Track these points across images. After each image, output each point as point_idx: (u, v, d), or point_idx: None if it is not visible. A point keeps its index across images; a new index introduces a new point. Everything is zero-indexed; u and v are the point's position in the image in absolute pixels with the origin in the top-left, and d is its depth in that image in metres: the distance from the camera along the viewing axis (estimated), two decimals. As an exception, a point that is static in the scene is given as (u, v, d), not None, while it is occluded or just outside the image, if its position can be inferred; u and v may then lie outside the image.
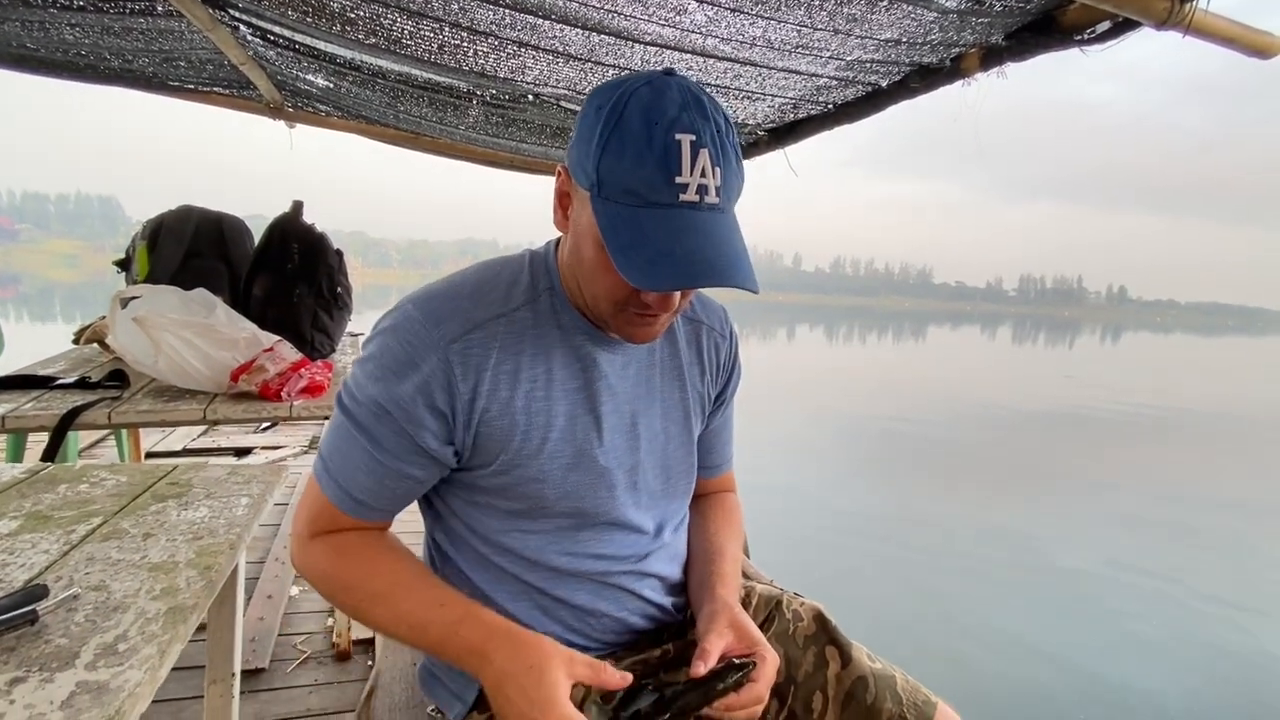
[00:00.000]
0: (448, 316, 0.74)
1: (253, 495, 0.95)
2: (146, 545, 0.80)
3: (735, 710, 0.72)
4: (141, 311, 1.40)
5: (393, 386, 0.72)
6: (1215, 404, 18.24)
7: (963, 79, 1.63)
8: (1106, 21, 1.28)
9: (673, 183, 0.63)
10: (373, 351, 0.75)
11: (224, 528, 0.84)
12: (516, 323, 0.77)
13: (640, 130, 0.63)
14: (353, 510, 0.76)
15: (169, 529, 0.83)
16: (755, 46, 1.63)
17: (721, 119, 0.67)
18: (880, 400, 14.44)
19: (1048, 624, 4.45)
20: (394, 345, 0.73)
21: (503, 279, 0.80)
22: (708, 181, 0.64)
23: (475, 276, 0.80)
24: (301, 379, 1.48)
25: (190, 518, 0.87)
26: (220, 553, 0.78)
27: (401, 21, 1.76)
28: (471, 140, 3.18)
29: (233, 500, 0.93)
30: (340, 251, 2.05)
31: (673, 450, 0.90)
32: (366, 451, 0.74)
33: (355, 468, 0.75)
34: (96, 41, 2.32)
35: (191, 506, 0.90)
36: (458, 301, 0.76)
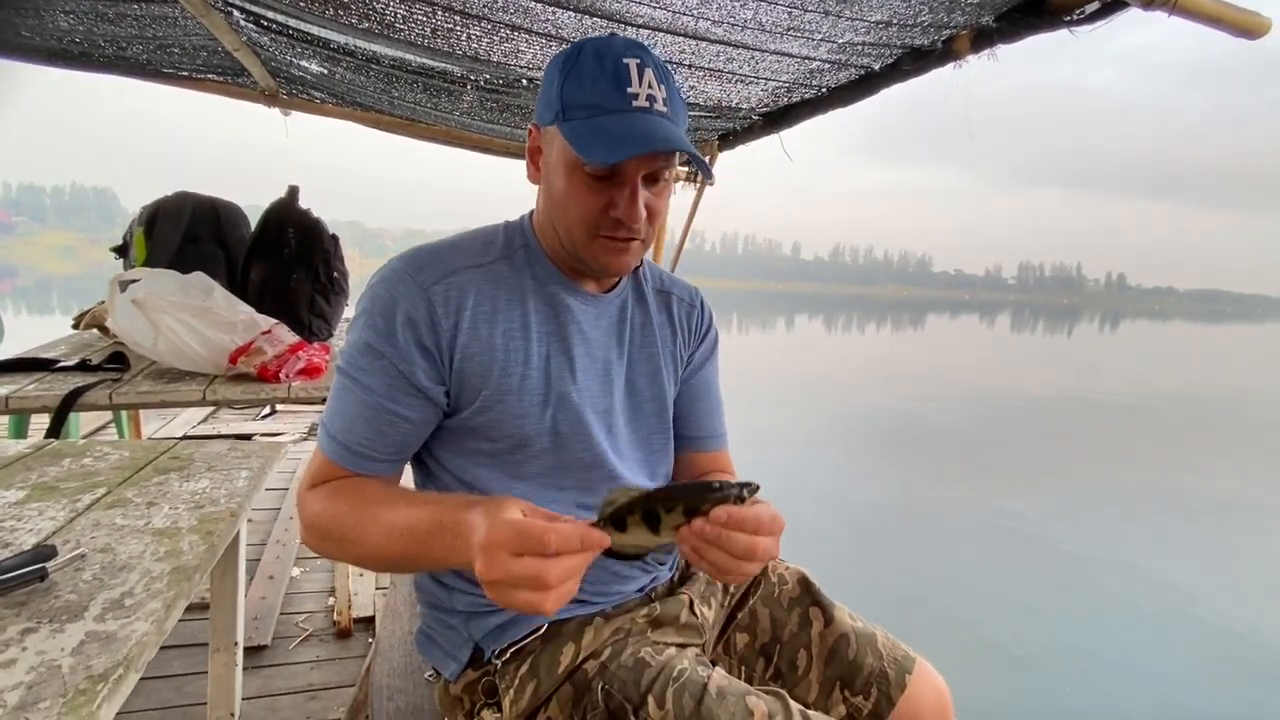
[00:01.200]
0: (428, 264, 0.82)
1: (252, 469, 0.98)
2: (150, 513, 0.82)
3: (734, 528, 0.63)
4: (140, 294, 1.42)
5: (383, 329, 0.78)
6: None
7: (954, 61, 1.64)
8: (1095, 2, 1.29)
9: (625, 92, 0.74)
10: (364, 306, 0.81)
11: (225, 497, 0.87)
12: (494, 273, 0.84)
13: (593, 62, 0.76)
14: (351, 463, 0.78)
15: (171, 498, 0.86)
16: (746, 29, 1.64)
17: (661, 62, 0.80)
18: (879, 389, 14.47)
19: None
20: (381, 293, 0.80)
21: (479, 239, 0.88)
22: (655, 93, 0.75)
23: (454, 238, 0.88)
24: (299, 361, 1.50)
25: (192, 488, 0.89)
26: (222, 520, 0.81)
27: (394, 5, 1.76)
28: (466, 126, 3.18)
29: (233, 473, 0.96)
30: (336, 236, 2.06)
31: (645, 403, 0.93)
32: (363, 400, 0.77)
33: (353, 418, 0.77)
34: (90, 29, 2.32)
35: (193, 479, 0.92)
36: (437, 252, 0.84)
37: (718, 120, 2.62)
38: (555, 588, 0.56)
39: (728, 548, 0.63)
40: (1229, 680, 3.78)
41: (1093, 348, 36.85)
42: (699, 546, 0.64)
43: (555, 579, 0.56)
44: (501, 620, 0.85)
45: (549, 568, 0.56)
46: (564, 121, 0.76)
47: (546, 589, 0.56)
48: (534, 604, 0.56)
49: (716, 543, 0.63)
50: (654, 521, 0.64)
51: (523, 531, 0.57)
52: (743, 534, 0.63)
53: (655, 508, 0.64)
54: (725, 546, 0.63)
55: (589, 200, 0.78)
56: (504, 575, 0.57)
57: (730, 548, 0.63)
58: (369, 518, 0.71)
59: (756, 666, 0.96)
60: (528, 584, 0.56)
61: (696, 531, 0.63)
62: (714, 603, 0.97)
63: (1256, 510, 7.10)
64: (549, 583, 0.56)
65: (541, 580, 0.56)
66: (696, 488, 0.66)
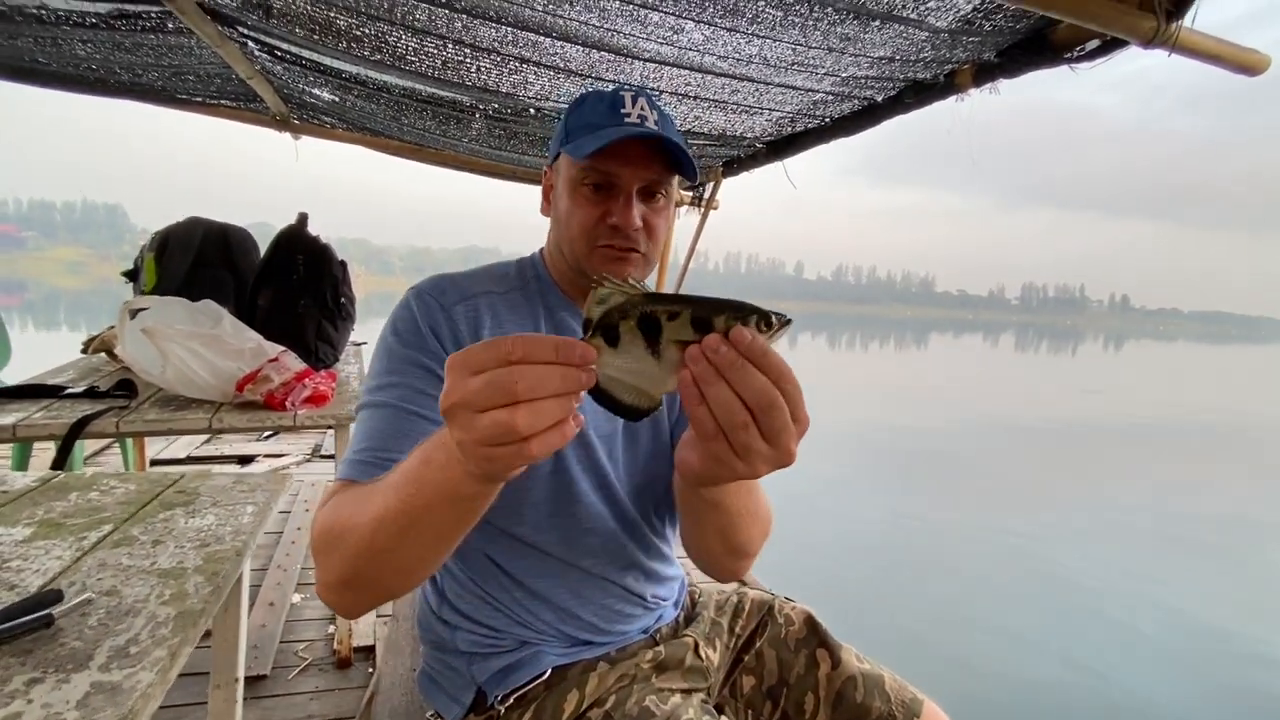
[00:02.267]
0: (448, 289, 0.86)
1: (257, 504, 0.98)
2: (156, 552, 0.82)
3: (756, 360, 0.48)
4: (150, 323, 1.43)
5: (407, 336, 0.80)
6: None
7: (956, 94, 1.67)
8: (1095, 40, 1.31)
9: (619, 112, 0.81)
10: (385, 331, 0.83)
11: (230, 535, 0.87)
12: (510, 301, 0.89)
13: (595, 97, 0.85)
14: (365, 472, 0.71)
15: (177, 536, 0.86)
16: (752, 64, 1.66)
17: (661, 107, 0.85)
18: (883, 409, 14.42)
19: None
20: (405, 315, 0.83)
21: (494, 271, 0.93)
22: (646, 114, 0.81)
23: (469, 270, 0.92)
24: (305, 389, 1.51)
25: (198, 525, 0.89)
26: (226, 559, 0.81)
27: (406, 39, 1.80)
28: (474, 152, 3.22)
29: (238, 509, 0.96)
30: (344, 263, 2.08)
31: (644, 428, 0.91)
32: (383, 415, 0.75)
33: (372, 432, 0.74)
34: (107, 56, 2.37)
35: (199, 514, 0.92)
36: (456, 280, 0.88)
37: (722, 148, 2.65)
38: (525, 401, 0.45)
39: (740, 386, 0.48)
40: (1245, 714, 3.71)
41: (1101, 368, 36.71)
42: (704, 376, 0.48)
43: (523, 389, 0.45)
44: (505, 663, 0.84)
45: (512, 375, 0.45)
46: (567, 144, 0.83)
47: (514, 401, 0.45)
48: (503, 425, 0.45)
49: (727, 373, 0.48)
50: (654, 333, 0.50)
51: (476, 348, 0.47)
52: (763, 375, 0.48)
53: (656, 313, 0.50)
54: (737, 384, 0.48)
55: (588, 211, 0.83)
56: (460, 396, 0.46)
57: (744, 386, 0.48)
58: (366, 494, 0.64)
59: (763, 710, 0.94)
60: (489, 397, 0.45)
61: (708, 348, 0.48)
62: (719, 644, 0.96)
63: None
64: (515, 391, 0.45)
65: (505, 388, 0.45)
66: (712, 299, 0.51)
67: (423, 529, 0.58)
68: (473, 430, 0.46)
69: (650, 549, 0.92)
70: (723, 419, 0.49)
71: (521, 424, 0.45)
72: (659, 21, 1.46)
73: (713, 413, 0.49)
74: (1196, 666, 4.16)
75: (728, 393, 0.48)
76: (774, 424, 0.48)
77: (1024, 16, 1.29)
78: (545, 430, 0.46)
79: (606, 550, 0.88)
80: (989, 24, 1.32)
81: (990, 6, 1.25)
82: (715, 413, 0.49)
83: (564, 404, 0.46)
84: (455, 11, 1.58)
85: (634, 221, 0.82)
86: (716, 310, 0.50)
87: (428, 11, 1.61)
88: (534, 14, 1.51)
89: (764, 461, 0.50)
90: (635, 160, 0.81)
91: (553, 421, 0.46)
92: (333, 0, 1.63)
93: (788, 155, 2.51)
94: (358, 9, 1.65)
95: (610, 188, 0.83)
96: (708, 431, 0.50)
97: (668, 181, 0.85)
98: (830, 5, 1.26)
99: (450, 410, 0.47)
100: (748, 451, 0.49)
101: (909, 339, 59.56)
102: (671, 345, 0.50)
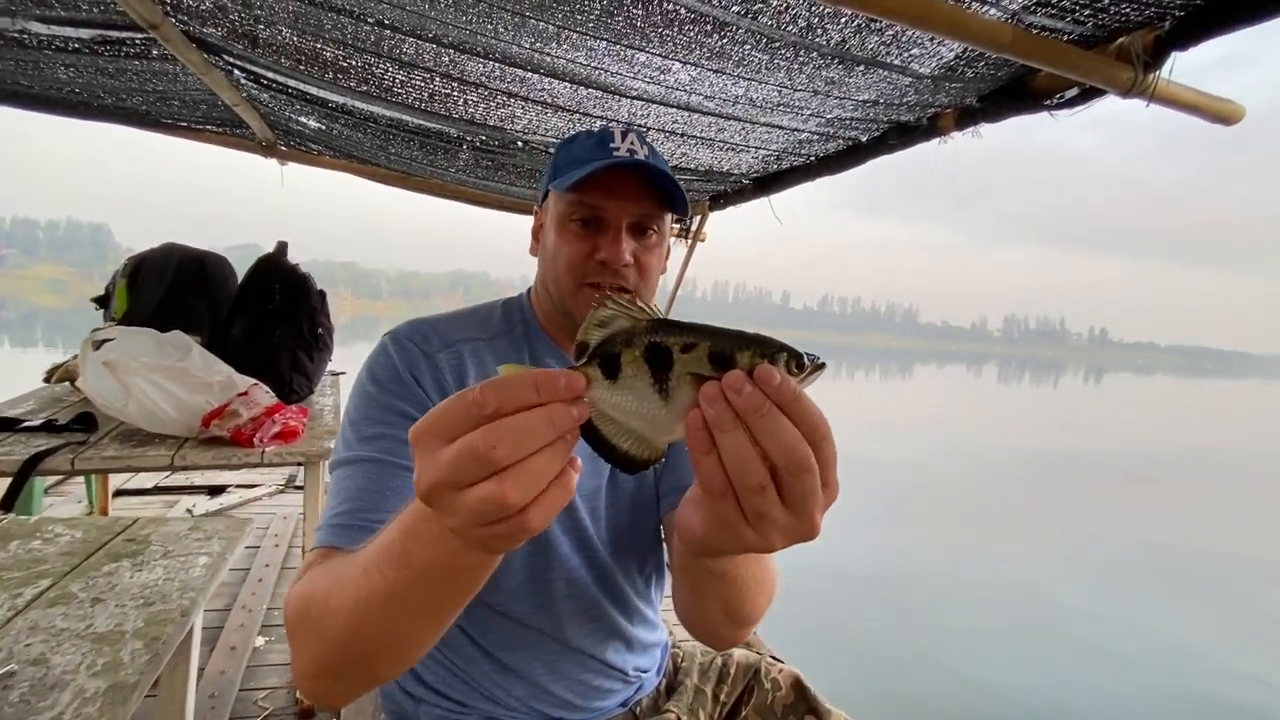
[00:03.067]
0: (430, 334, 0.81)
1: (212, 554, 0.92)
2: (94, 612, 0.76)
3: (786, 405, 0.40)
4: (113, 355, 1.37)
5: (391, 388, 0.75)
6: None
7: (939, 136, 1.69)
8: (1074, 88, 1.33)
9: (607, 146, 0.79)
10: (361, 379, 0.78)
11: (177, 591, 0.81)
12: (495, 347, 0.84)
13: (584, 134, 0.83)
14: (346, 537, 0.65)
15: (119, 593, 0.80)
16: (738, 104, 1.67)
17: (652, 145, 0.83)
18: (871, 440, 14.45)
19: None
20: (384, 361, 0.77)
21: (477, 314, 0.88)
22: (636, 149, 0.79)
23: (451, 313, 0.88)
24: (275, 425, 1.45)
25: (143, 580, 0.83)
26: (170, 621, 0.75)
27: (393, 71, 1.79)
28: (462, 182, 3.22)
29: (190, 559, 0.90)
30: (323, 292, 2.04)
31: (628, 481, 0.86)
32: (365, 471, 0.69)
33: (353, 492, 0.68)
34: (90, 81, 2.35)
35: (146, 567, 0.87)
36: (437, 325, 0.83)
37: (709, 183, 2.67)
38: (512, 463, 0.38)
39: (763, 437, 0.39)
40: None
41: (1083, 401, 37.17)
42: (719, 421, 0.39)
43: (505, 451, 0.37)
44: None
45: (489, 437, 0.38)
46: (554, 180, 0.80)
47: (497, 466, 0.38)
48: (492, 500, 0.38)
49: (750, 419, 0.39)
50: (663, 367, 0.42)
51: (439, 410, 0.40)
52: (790, 422, 0.39)
53: (668, 343, 0.42)
54: (760, 434, 0.39)
55: (576, 248, 0.79)
56: (434, 475, 0.39)
57: (768, 438, 0.39)
58: (346, 567, 0.55)
59: (749, 781, 0.89)
60: (467, 471, 0.38)
61: (730, 387, 0.39)
62: (703, 715, 0.90)
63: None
64: (495, 458, 0.37)
65: (483, 456, 0.37)
66: (733, 331, 0.43)
67: (416, 609, 0.50)
68: (459, 512, 0.39)
69: (633, 614, 0.87)
70: (735, 475, 0.40)
71: (513, 495, 0.38)
72: (646, 61, 1.46)
73: (724, 466, 0.40)
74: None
75: (746, 444, 0.39)
76: (799, 488, 0.40)
77: (1005, 64, 1.31)
78: (542, 494, 0.39)
79: (587, 618, 0.82)
80: (971, 71, 1.34)
81: (972, 55, 1.26)
82: (727, 466, 0.40)
83: (557, 453, 0.39)
84: (443, 46, 1.58)
85: (623, 257, 0.78)
86: (741, 344, 0.42)
87: (415, 45, 1.61)
88: (521, 51, 1.51)
89: (781, 533, 0.42)
90: (624, 194, 0.78)
91: (548, 480, 0.39)
92: (320, 32, 1.62)
93: (774, 191, 2.53)
94: (345, 41, 1.64)
95: (599, 222, 0.79)
96: (714, 488, 0.41)
97: (660, 218, 0.82)
98: (815, 50, 1.27)
99: (427, 494, 0.40)
100: (762, 519, 0.41)
101: (894, 369, 60.10)
102: (684, 383, 0.42)
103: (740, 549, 0.44)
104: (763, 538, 0.42)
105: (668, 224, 0.85)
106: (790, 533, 0.42)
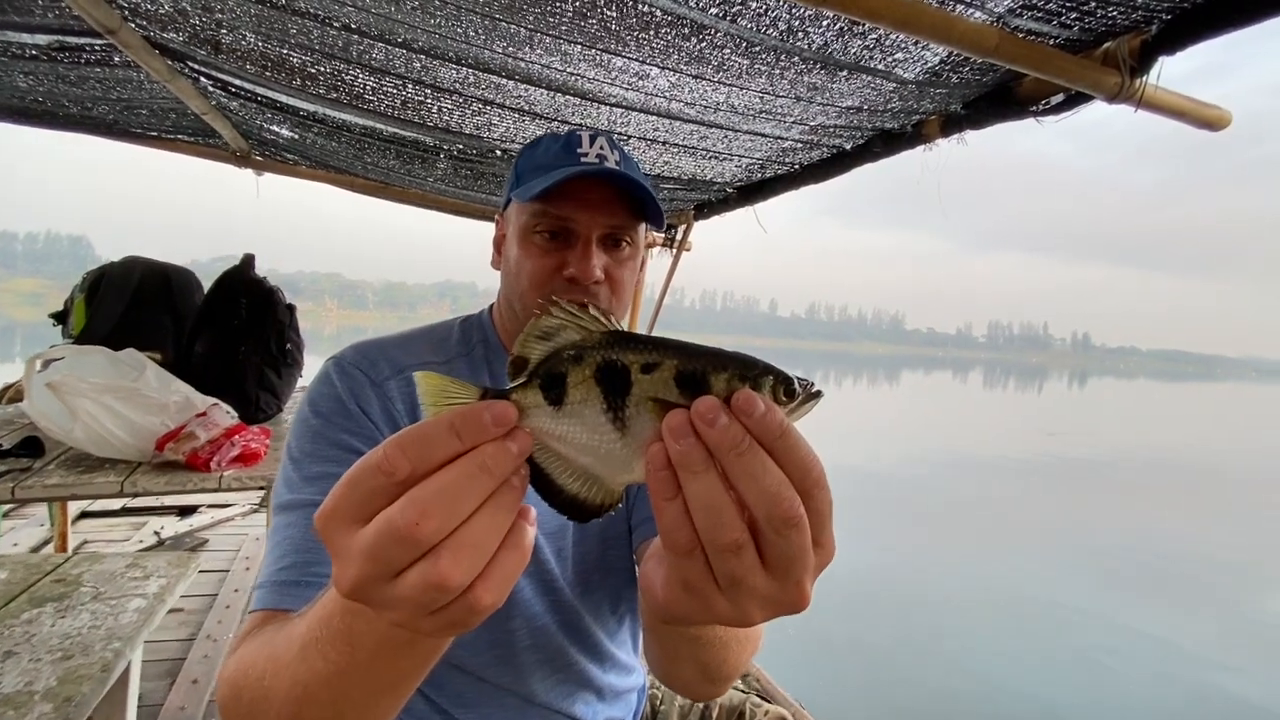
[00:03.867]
0: (378, 359, 0.74)
1: (147, 596, 0.84)
2: (4, 669, 0.69)
3: (767, 438, 0.32)
4: (57, 377, 1.30)
5: (335, 420, 0.68)
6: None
7: (924, 144, 1.66)
8: (1060, 94, 1.30)
9: (574, 152, 0.73)
10: (302, 412, 0.71)
11: (101, 642, 0.74)
12: (455, 371, 0.75)
13: (549, 138, 0.77)
14: (288, 597, 0.59)
15: (35, 645, 0.72)
16: (719, 110, 1.63)
17: (624, 148, 0.78)
18: (863, 446, 14.45)
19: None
20: (326, 391, 0.71)
21: (432, 336, 0.82)
22: (606, 154, 0.74)
23: (403, 333, 0.82)
24: (234, 447, 1.38)
25: (64, 629, 0.76)
26: (87, 679, 0.67)
27: (364, 78, 1.74)
28: (441, 192, 3.16)
29: (123, 603, 0.82)
30: (292, 306, 1.97)
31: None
32: (307, 515, 0.62)
33: (293, 544, 0.61)
34: (52, 89, 2.27)
35: (71, 612, 0.79)
36: (385, 349, 0.76)
37: (693, 192, 2.63)
38: (444, 536, 0.31)
39: (741, 481, 0.32)
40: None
41: (1069, 405, 37.58)
42: (686, 459, 0.32)
43: (433, 526, 0.30)
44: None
45: (409, 511, 0.30)
46: (517, 188, 0.74)
47: (428, 545, 0.31)
48: (430, 584, 0.31)
49: (725, 458, 0.31)
50: (619, 390, 0.34)
51: (343, 484, 0.33)
52: (776, 463, 0.32)
53: (625, 361, 0.34)
54: (738, 477, 0.32)
55: (541, 263, 0.74)
56: (356, 570, 0.32)
57: (747, 483, 0.31)
58: (282, 641, 0.48)
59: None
60: (392, 556, 0.31)
61: (699, 416, 0.31)
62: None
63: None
64: (421, 536, 0.30)
65: (407, 536, 0.30)
66: (708, 348, 0.35)
67: (368, 690, 0.42)
68: (395, 605, 0.33)
69: (605, 659, 0.80)
70: (705, 529, 0.32)
71: (455, 575, 0.31)
72: (623, 67, 1.41)
73: (691, 517, 0.32)
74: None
75: (719, 490, 0.32)
76: (784, 548, 0.32)
77: (990, 69, 1.28)
78: (491, 564, 0.32)
79: (552, 669, 0.75)
80: (956, 76, 1.30)
81: (957, 59, 1.23)
82: (695, 517, 0.32)
83: (501, 507, 0.32)
84: (413, 51, 1.52)
85: (593, 273, 0.72)
86: (716, 364, 0.34)
87: (384, 50, 1.55)
88: (494, 56, 1.46)
89: (760, 603, 0.34)
90: (595, 204, 0.72)
91: (495, 544, 0.32)
92: (285, 37, 1.56)
93: (759, 200, 2.50)
94: (311, 46, 1.58)
95: (567, 234, 0.73)
96: (679, 543, 0.33)
97: (633, 229, 0.76)
98: (797, 55, 1.23)
99: (351, 593, 0.33)
100: (737, 585, 0.33)
101: (881, 376, 60.49)
102: (645, 410, 0.34)
103: (708, 619, 0.36)
104: (737, 609, 0.34)
105: (642, 234, 0.79)
106: (772, 603, 0.34)
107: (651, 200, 0.72)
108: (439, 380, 0.37)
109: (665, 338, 0.37)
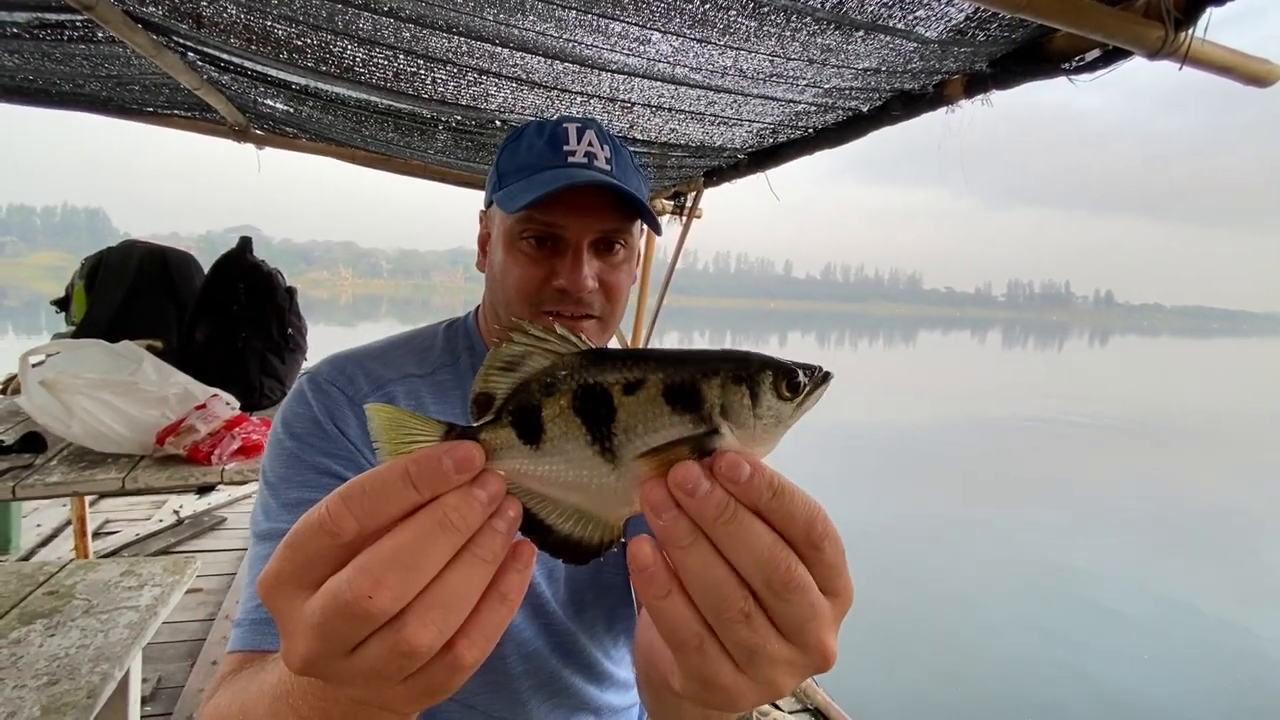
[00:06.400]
0: (356, 376, 0.70)
1: (139, 608, 0.83)
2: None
3: (756, 505, 0.29)
4: (50, 374, 1.28)
5: (312, 441, 0.64)
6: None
7: (946, 105, 1.56)
8: (1096, 50, 1.20)
9: (560, 150, 0.68)
10: (277, 433, 0.67)
11: (89, 663, 0.72)
12: (436, 384, 0.73)
13: (533, 132, 0.71)
14: (263, 636, 0.57)
15: (23, 668, 0.71)
16: (727, 75, 1.53)
17: (611, 133, 0.72)
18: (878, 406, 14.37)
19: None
20: (301, 411, 0.67)
21: (415, 345, 0.77)
22: (595, 151, 0.68)
23: (382, 343, 0.77)
24: (235, 440, 1.36)
25: (53, 649, 0.74)
26: (73, 706, 0.66)
27: (352, 49, 1.65)
28: (444, 164, 3.08)
29: (115, 616, 0.81)
30: (293, 289, 1.93)
31: None
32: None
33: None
34: (40, 66, 2.21)
35: (61, 629, 0.78)
36: (363, 363, 0.72)
37: (702, 159, 2.52)
38: (403, 601, 0.27)
39: (728, 545, 0.29)
40: None
41: (1089, 363, 36.99)
42: (670, 535, 0.30)
43: (391, 591, 0.26)
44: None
45: (361, 577, 0.26)
46: (500, 191, 0.69)
47: (376, 618, 0.26)
48: (397, 653, 0.27)
49: (708, 525, 0.29)
50: (602, 415, 0.31)
51: (295, 537, 0.28)
52: (772, 525, 0.29)
53: (605, 384, 0.31)
54: (724, 544, 0.29)
55: (529, 272, 0.68)
56: (305, 646, 0.28)
57: (734, 546, 0.29)
58: (254, 690, 0.44)
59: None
60: (350, 629, 0.27)
61: (679, 488, 0.29)
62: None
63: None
64: (376, 606, 0.26)
65: (359, 610, 0.26)
66: (695, 352, 0.32)
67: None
68: (355, 683, 0.28)
69: (603, 678, 0.77)
70: (708, 605, 0.29)
71: (421, 639, 0.27)
72: (622, 32, 1.32)
73: (691, 605, 0.30)
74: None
75: (713, 560, 0.29)
76: (793, 611, 0.29)
77: (1020, 25, 1.18)
78: (472, 619, 0.28)
79: (547, 695, 0.72)
80: (983, 34, 1.20)
81: (985, 15, 1.12)
82: (695, 594, 0.30)
83: (478, 562, 0.28)
84: (401, 20, 1.44)
85: (585, 284, 0.67)
86: (706, 370, 0.30)
87: (371, 20, 1.47)
88: (486, 24, 1.38)
89: (785, 670, 0.31)
90: (585, 208, 0.67)
91: (472, 602, 0.28)
92: (267, 8, 1.48)
93: (771, 165, 2.40)
94: (295, 18, 1.50)
95: (555, 241, 0.68)
96: (686, 641, 0.30)
97: (627, 230, 0.70)
98: (809, 15, 1.14)
99: (303, 670, 0.29)
100: (754, 656, 0.30)
101: (898, 336, 59.84)
102: (635, 435, 0.31)
103: (735, 707, 0.32)
104: (762, 684, 0.31)
105: (637, 232, 0.73)
106: (797, 667, 0.31)
107: (648, 210, 0.68)
108: (393, 414, 0.32)
109: (645, 349, 0.34)
